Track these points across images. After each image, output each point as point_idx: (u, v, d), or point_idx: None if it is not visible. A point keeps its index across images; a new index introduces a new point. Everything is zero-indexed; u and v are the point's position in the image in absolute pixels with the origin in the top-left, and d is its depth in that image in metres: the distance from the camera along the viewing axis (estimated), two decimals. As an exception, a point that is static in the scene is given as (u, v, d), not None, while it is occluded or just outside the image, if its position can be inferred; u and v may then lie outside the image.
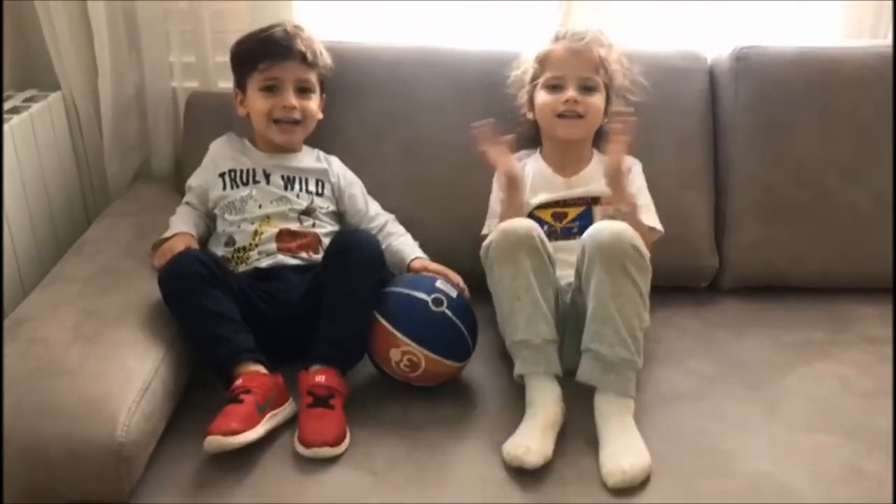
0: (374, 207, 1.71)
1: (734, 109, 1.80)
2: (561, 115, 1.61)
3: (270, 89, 1.62)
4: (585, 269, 1.41)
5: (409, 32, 1.94)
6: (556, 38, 1.65)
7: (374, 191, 1.74)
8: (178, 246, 1.52)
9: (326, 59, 1.68)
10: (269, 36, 1.63)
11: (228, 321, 1.39)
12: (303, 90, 1.64)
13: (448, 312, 1.42)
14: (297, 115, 1.63)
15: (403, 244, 1.63)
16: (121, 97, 1.91)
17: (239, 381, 1.33)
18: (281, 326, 1.47)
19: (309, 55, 1.62)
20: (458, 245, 1.68)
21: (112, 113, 1.91)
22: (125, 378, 1.28)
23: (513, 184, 1.58)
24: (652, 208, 1.65)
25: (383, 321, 1.42)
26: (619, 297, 1.37)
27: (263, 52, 1.61)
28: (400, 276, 1.53)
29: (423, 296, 1.43)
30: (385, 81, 1.79)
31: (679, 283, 1.81)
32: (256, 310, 1.46)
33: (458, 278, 1.54)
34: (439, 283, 1.47)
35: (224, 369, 1.36)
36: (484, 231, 1.67)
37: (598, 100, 1.62)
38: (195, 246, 1.57)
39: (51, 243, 1.83)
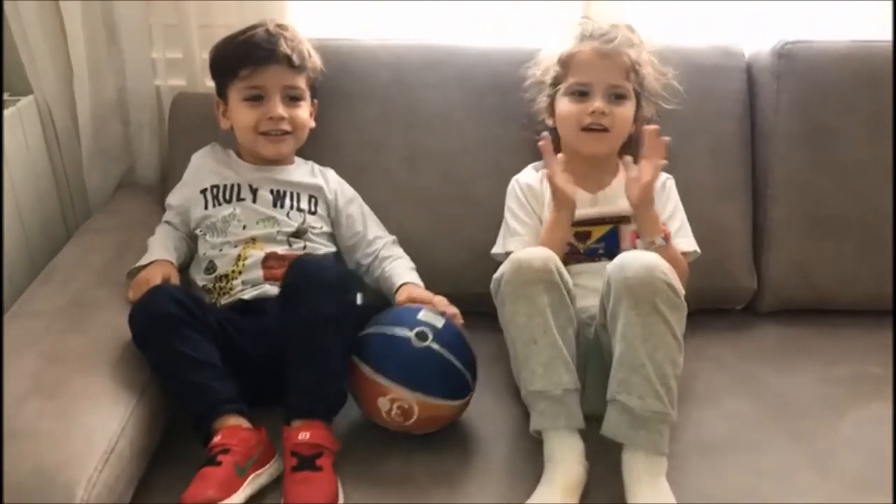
0: (374, 230, 1.54)
1: (775, 112, 1.63)
2: (586, 129, 1.44)
3: (255, 99, 1.47)
4: (611, 307, 1.24)
5: (414, 29, 1.77)
6: (582, 37, 1.48)
7: (372, 207, 1.59)
8: (155, 277, 1.37)
9: (316, 60, 1.53)
10: (250, 39, 1.46)
11: (206, 367, 1.24)
12: (291, 98, 1.49)
13: (435, 346, 1.26)
14: (285, 126, 1.48)
15: (395, 269, 1.48)
16: (99, 100, 1.77)
17: (217, 439, 1.19)
18: (267, 366, 1.31)
19: (295, 58, 1.46)
20: (468, 269, 1.57)
21: (90, 118, 1.77)
22: (87, 439, 1.12)
23: (566, 208, 1.41)
24: (687, 228, 1.49)
25: (365, 368, 1.26)
26: (650, 340, 1.20)
27: (244, 58, 1.45)
28: (380, 312, 1.35)
29: (404, 332, 1.27)
30: (386, 84, 1.63)
31: (712, 306, 1.64)
32: (239, 349, 1.31)
33: (445, 303, 1.38)
34: (422, 314, 1.30)
35: (201, 424, 1.22)
36: (496, 249, 1.51)
37: (627, 109, 1.46)
38: (174, 276, 1.42)
39: (25, 266, 1.68)
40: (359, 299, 1.43)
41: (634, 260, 1.24)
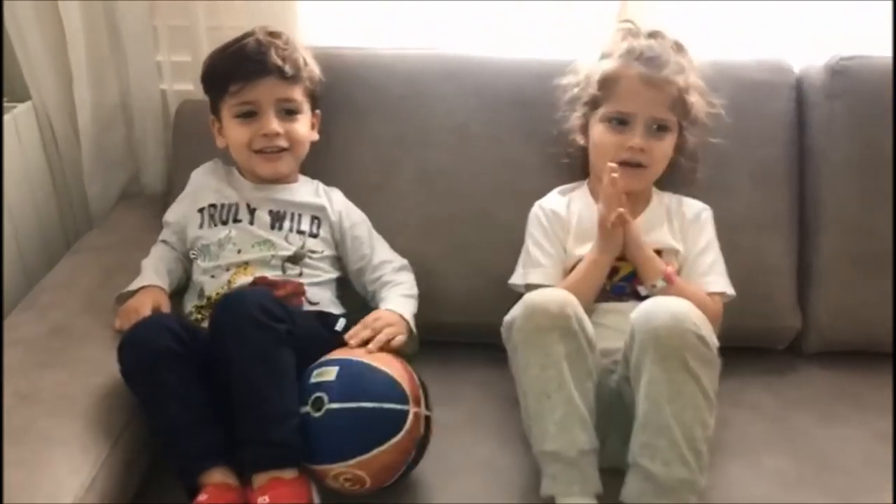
0: (382, 253, 1.43)
1: (827, 135, 1.49)
2: (621, 163, 1.31)
3: (247, 115, 1.37)
4: (635, 359, 1.12)
5: (430, 38, 1.66)
6: (629, 56, 1.33)
7: (382, 229, 1.48)
8: (144, 307, 1.28)
9: (313, 68, 1.43)
10: (239, 51, 1.37)
11: (197, 410, 1.14)
12: (286, 111, 1.38)
13: (334, 406, 1.12)
14: (281, 143, 1.38)
15: (386, 296, 1.37)
16: (101, 106, 1.69)
17: (202, 498, 1.09)
18: None
19: (288, 68, 1.36)
20: (483, 297, 1.46)
21: (91, 125, 1.69)
22: (52, 492, 1.03)
23: (611, 252, 1.30)
24: (721, 266, 1.36)
25: None
26: (678, 399, 1.08)
27: (233, 72, 1.36)
28: None
29: (304, 409, 1.14)
30: (399, 97, 1.52)
31: (751, 345, 1.50)
32: (224, 382, 1.19)
33: (365, 333, 1.25)
34: (314, 375, 1.16)
35: (186, 472, 1.13)
36: (514, 279, 1.40)
37: (667, 144, 1.34)
38: (164, 304, 1.33)
39: (19, 283, 1.59)
40: (339, 325, 1.33)
41: (662, 308, 1.11)
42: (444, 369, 1.42)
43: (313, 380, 1.15)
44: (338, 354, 1.21)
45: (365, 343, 1.23)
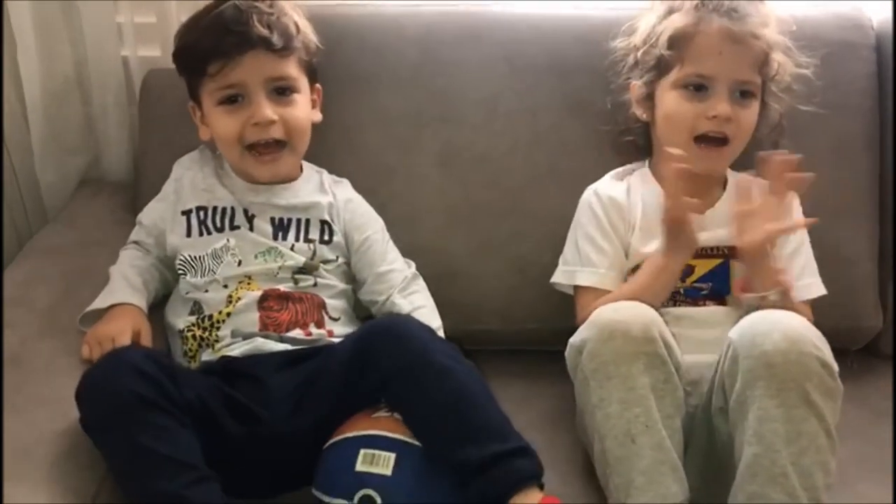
0: (388, 260, 1.22)
1: (913, 102, 1.30)
2: (700, 137, 1.12)
3: (233, 101, 1.15)
4: (739, 390, 0.93)
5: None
6: (703, 6, 1.14)
7: (401, 220, 1.29)
8: (122, 334, 1.08)
9: (308, 35, 1.21)
10: (214, 22, 1.14)
11: (183, 469, 0.93)
12: (279, 91, 1.16)
13: None
14: (276, 134, 1.15)
15: None
16: (52, 77, 1.49)
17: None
18: (261, 455, 1.02)
19: (276, 38, 1.13)
20: (518, 298, 1.30)
21: (42, 101, 1.49)
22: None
23: (684, 254, 1.11)
24: (814, 266, 1.19)
25: None
26: (797, 441, 0.90)
27: (210, 48, 1.13)
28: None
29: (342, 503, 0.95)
30: (415, 64, 1.33)
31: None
32: (224, 433, 1.01)
33: None
34: (361, 463, 0.96)
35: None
36: (558, 278, 1.22)
37: (753, 112, 1.15)
38: (144, 329, 1.12)
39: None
40: None
41: (772, 327, 0.92)
42: None
43: (360, 468, 0.94)
44: (390, 429, 0.98)
45: None
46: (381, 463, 0.95)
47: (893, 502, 1.06)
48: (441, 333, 1.16)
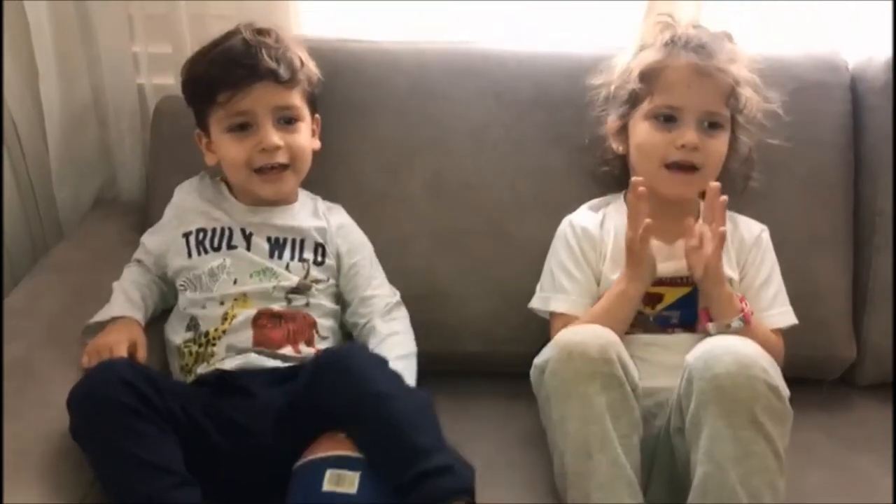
0: (373, 286, 1.26)
1: (885, 142, 1.33)
2: (670, 165, 1.17)
3: (241, 128, 1.20)
4: (693, 412, 0.97)
5: (441, 29, 1.49)
6: (672, 44, 1.18)
7: (390, 243, 1.33)
8: (119, 345, 1.13)
9: (311, 69, 1.27)
10: (225, 54, 1.20)
11: (163, 474, 0.98)
12: (285, 120, 1.22)
13: None
14: (282, 159, 1.21)
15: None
16: (71, 103, 1.54)
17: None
18: (243, 467, 1.06)
19: (283, 71, 1.19)
20: (501, 321, 1.33)
21: (60, 124, 1.54)
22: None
23: (643, 281, 1.15)
24: (784, 295, 1.22)
25: None
26: (745, 462, 0.94)
27: (220, 79, 1.19)
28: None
29: None
30: (407, 96, 1.37)
31: (797, 375, 1.33)
32: (207, 444, 1.05)
33: None
34: (328, 483, 0.98)
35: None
36: (535, 303, 1.25)
37: (722, 142, 1.19)
38: (141, 341, 1.17)
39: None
40: None
41: (725, 352, 0.96)
42: (458, 405, 1.27)
43: (325, 489, 0.97)
44: (354, 449, 1.01)
45: None
46: (347, 482, 0.97)
47: (893, 501, 1.09)
48: (413, 360, 1.18)
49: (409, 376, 1.14)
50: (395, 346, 1.18)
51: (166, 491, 0.97)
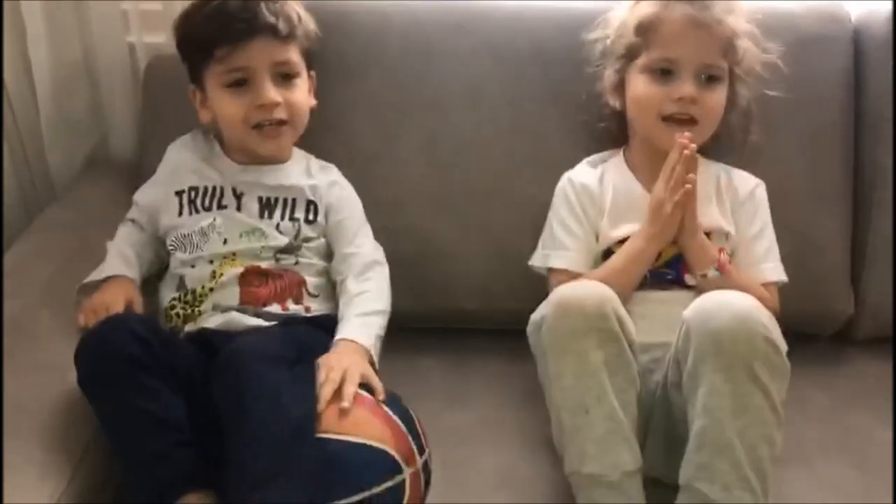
0: (355, 244, 1.23)
1: (887, 97, 1.31)
2: (668, 118, 1.15)
3: (238, 84, 1.18)
4: (690, 366, 0.96)
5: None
6: None
7: (385, 204, 1.32)
8: (116, 302, 1.12)
9: (308, 24, 1.24)
10: (220, 9, 1.16)
11: (168, 429, 0.98)
12: (283, 76, 1.19)
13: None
14: (281, 115, 1.19)
15: (345, 314, 1.16)
16: (61, 63, 1.51)
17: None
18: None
19: (282, 25, 1.17)
20: (499, 280, 1.34)
21: (50, 85, 1.51)
22: (1, 533, 0.87)
23: (663, 240, 1.14)
24: (776, 251, 1.21)
25: None
26: (743, 415, 0.93)
27: (217, 34, 1.16)
28: None
29: None
30: (400, 54, 1.34)
31: (794, 330, 1.33)
32: (199, 401, 1.03)
33: (327, 391, 1.00)
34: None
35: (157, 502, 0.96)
36: (535, 261, 1.25)
37: (720, 95, 1.17)
38: (136, 300, 1.17)
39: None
40: None
41: (723, 306, 0.95)
42: (457, 362, 1.30)
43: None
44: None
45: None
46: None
47: (893, 501, 1.08)
48: (378, 318, 1.15)
49: (368, 334, 1.11)
50: (359, 303, 1.15)
51: (171, 448, 0.97)
